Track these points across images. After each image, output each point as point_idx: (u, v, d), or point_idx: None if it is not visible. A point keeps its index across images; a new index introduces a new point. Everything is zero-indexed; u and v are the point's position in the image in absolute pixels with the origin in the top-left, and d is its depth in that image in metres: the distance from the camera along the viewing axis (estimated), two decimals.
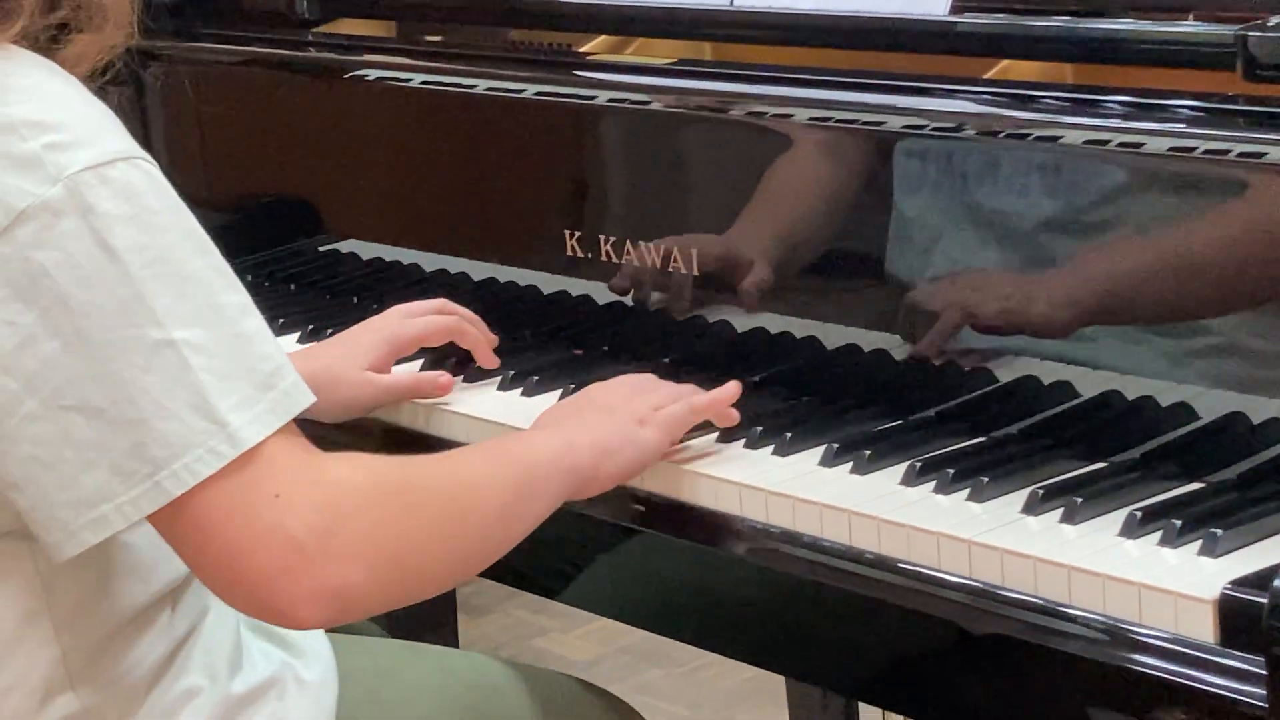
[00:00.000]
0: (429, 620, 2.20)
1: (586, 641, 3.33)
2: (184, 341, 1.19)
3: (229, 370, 1.20)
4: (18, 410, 1.19)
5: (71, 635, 1.29)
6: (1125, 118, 1.41)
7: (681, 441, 1.53)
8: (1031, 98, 1.49)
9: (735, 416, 1.53)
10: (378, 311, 1.97)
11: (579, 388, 1.67)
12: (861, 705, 2.14)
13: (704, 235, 1.68)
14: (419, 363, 1.78)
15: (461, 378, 1.74)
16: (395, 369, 1.73)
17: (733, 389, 1.53)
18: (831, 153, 1.61)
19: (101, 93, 1.31)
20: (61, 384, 1.18)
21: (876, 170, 1.57)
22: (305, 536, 1.19)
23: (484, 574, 1.70)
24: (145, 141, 2.21)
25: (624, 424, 1.45)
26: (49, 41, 1.27)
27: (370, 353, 1.67)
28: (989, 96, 1.51)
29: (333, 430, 1.66)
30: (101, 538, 1.20)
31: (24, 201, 1.18)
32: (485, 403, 1.70)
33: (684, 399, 1.52)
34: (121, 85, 2.24)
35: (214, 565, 1.21)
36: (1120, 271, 1.43)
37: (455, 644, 2.29)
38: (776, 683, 2.36)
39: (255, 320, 1.24)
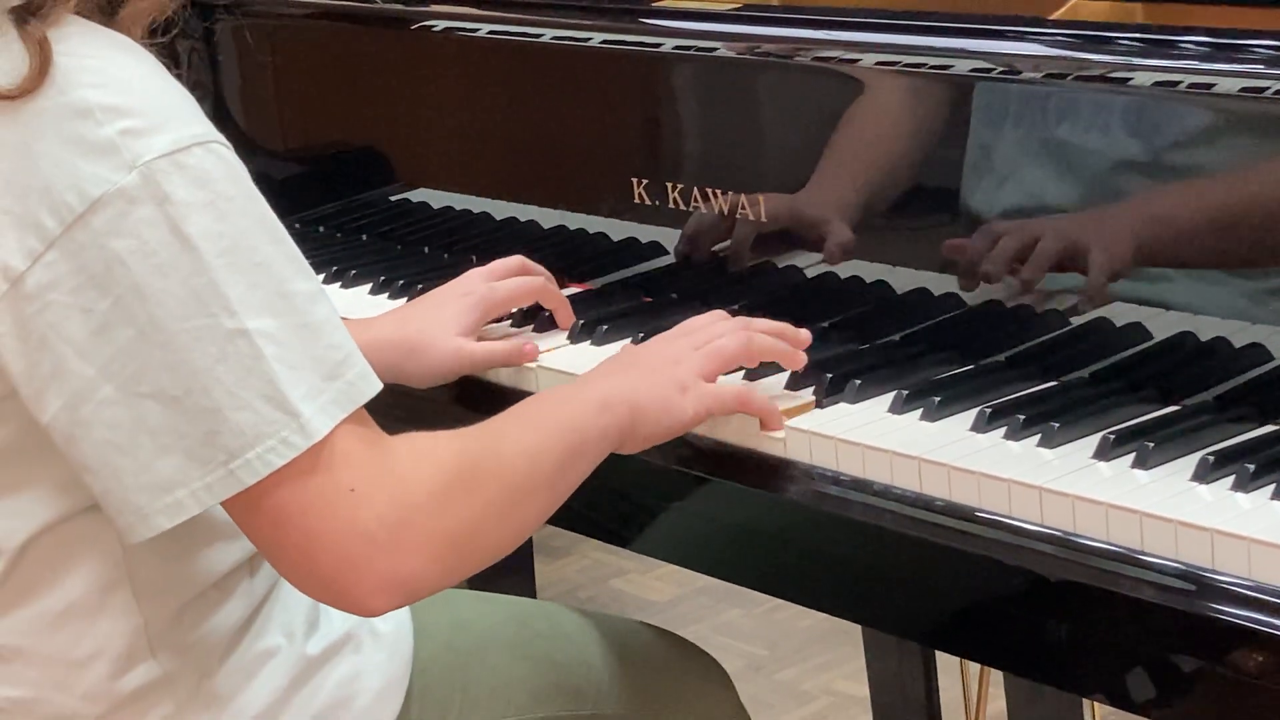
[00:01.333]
0: (506, 566, 2.20)
1: (664, 583, 3.35)
2: (257, 330, 1.20)
3: (298, 360, 1.21)
4: (94, 395, 1.20)
5: (153, 604, 1.31)
6: (1199, 58, 1.39)
7: (753, 378, 1.53)
8: (1104, 39, 1.47)
9: (802, 360, 1.52)
10: (449, 260, 1.99)
11: (648, 336, 1.68)
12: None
13: (771, 181, 1.67)
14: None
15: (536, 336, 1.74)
16: None
17: (795, 335, 1.52)
18: (900, 97, 1.60)
19: (170, 47, 1.31)
20: (136, 371, 1.19)
21: (946, 114, 1.56)
22: (378, 530, 1.21)
23: (557, 522, 1.72)
24: (215, 93, 2.23)
25: (664, 388, 1.43)
26: (107, 4, 1.27)
27: (461, 318, 1.67)
28: (1059, 38, 1.50)
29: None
30: (175, 522, 1.21)
31: (100, 189, 1.18)
32: (559, 354, 1.70)
33: (740, 358, 1.50)
34: (191, 39, 2.25)
35: (290, 556, 1.23)
36: (1193, 213, 1.41)
37: (532, 589, 2.30)
38: (853, 624, 2.36)
39: (325, 307, 1.24)
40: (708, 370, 1.46)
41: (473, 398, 1.70)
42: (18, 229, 1.19)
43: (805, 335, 1.53)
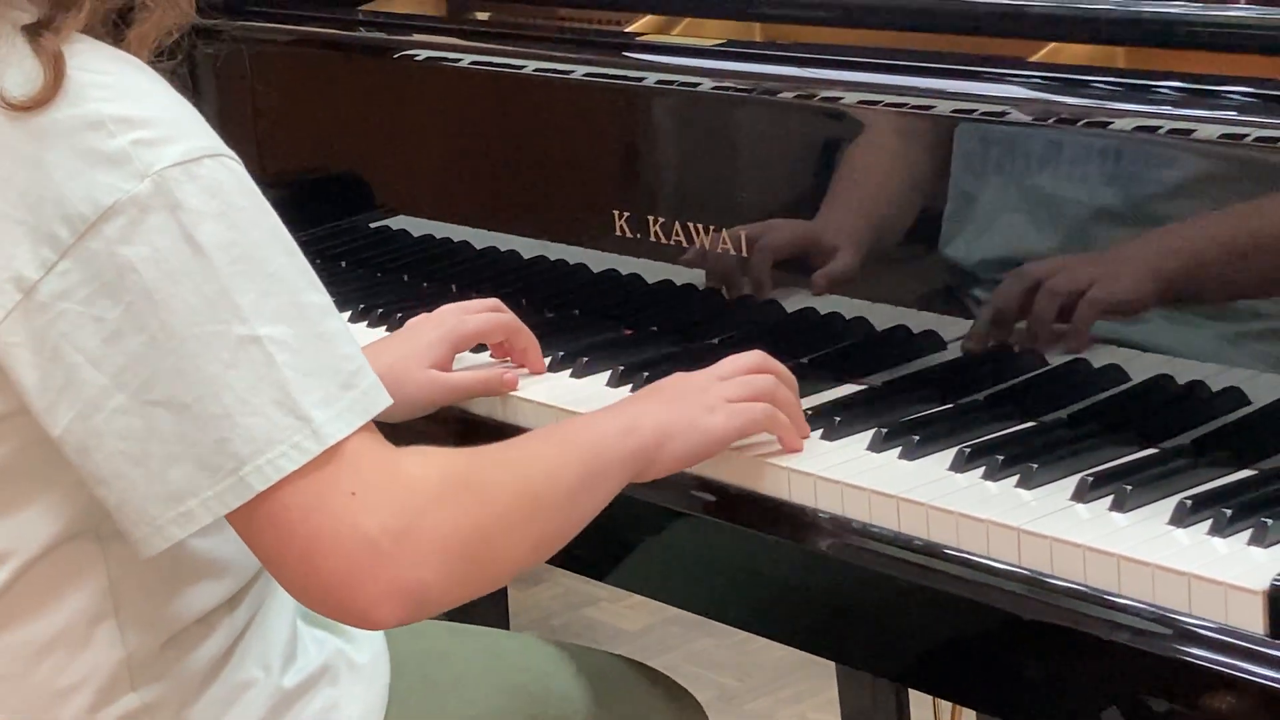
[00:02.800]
0: (480, 598, 2.21)
1: (637, 611, 3.35)
2: (269, 338, 1.20)
3: (312, 368, 1.21)
4: (106, 404, 1.20)
5: (138, 637, 1.30)
6: (1176, 104, 1.40)
7: None
8: (1082, 82, 1.48)
9: (799, 447, 1.50)
10: (428, 288, 2.00)
11: (627, 369, 1.68)
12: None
13: (752, 216, 1.68)
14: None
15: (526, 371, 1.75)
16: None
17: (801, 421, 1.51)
18: (881, 135, 1.61)
19: (157, 69, 1.32)
20: (148, 379, 1.19)
21: (927, 153, 1.57)
22: (380, 537, 1.20)
23: None
24: None
25: (690, 408, 1.43)
26: (114, 27, 1.27)
27: (433, 350, 1.67)
28: (1039, 81, 1.51)
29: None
30: (188, 532, 1.21)
31: (112, 197, 1.18)
32: (540, 386, 1.70)
33: (766, 394, 1.48)
34: (174, 60, 2.26)
35: (292, 564, 1.22)
36: (1172, 257, 1.42)
37: (506, 620, 2.30)
38: None
39: (337, 321, 1.24)
40: (734, 396, 1.46)
41: (459, 429, 1.71)
42: (31, 239, 1.19)
43: (807, 428, 1.51)
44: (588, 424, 1.41)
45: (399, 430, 1.63)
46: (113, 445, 1.20)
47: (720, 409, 1.44)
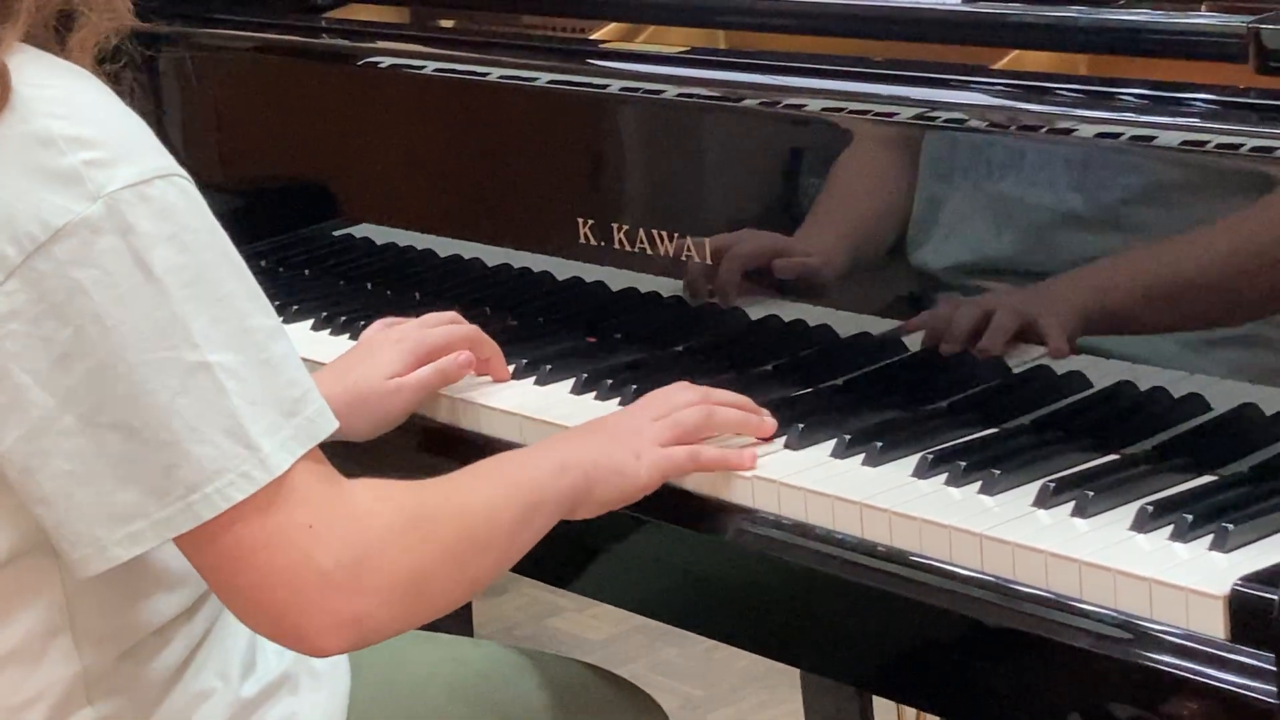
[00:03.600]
0: None
1: (601, 621, 3.34)
2: (219, 365, 1.19)
3: (257, 395, 1.20)
4: (53, 426, 1.19)
5: (93, 652, 1.29)
6: (1138, 111, 1.41)
7: None
8: (1044, 89, 1.49)
9: (770, 427, 1.51)
10: (391, 296, 1.99)
11: (591, 376, 1.68)
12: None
13: (717, 224, 1.68)
14: None
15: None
16: None
17: (755, 409, 1.52)
18: (845, 143, 1.61)
19: (114, 78, 1.31)
20: (97, 402, 1.18)
21: (891, 161, 1.57)
22: (334, 570, 1.21)
23: None
24: (157, 125, 2.21)
25: (621, 454, 1.44)
26: (55, 33, 1.26)
27: (394, 364, 1.66)
28: (1001, 88, 1.51)
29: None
30: (132, 554, 1.21)
31: (63, 219, 1.17)
32: (504, 394, 1.70)
33: (698, 429, 1.49)
34: (133, 69, 2.25)
35: (244, 593, 1.23)
36: (1135, 264, 1.42)
37: (469, 629, 2.30)
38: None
39: (284, 344, 1.24)
40: (665, 439, 1.46)
41: (427, 441, 1.70)
42: None
43: (770, 421, 1.52)
44: (524, 462, 1.42)
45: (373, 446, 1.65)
46: (59, 466, 1.19)
47: (646, 455, 1.45)
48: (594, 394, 1.67)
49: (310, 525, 1.21)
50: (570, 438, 1.47)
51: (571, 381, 1.70)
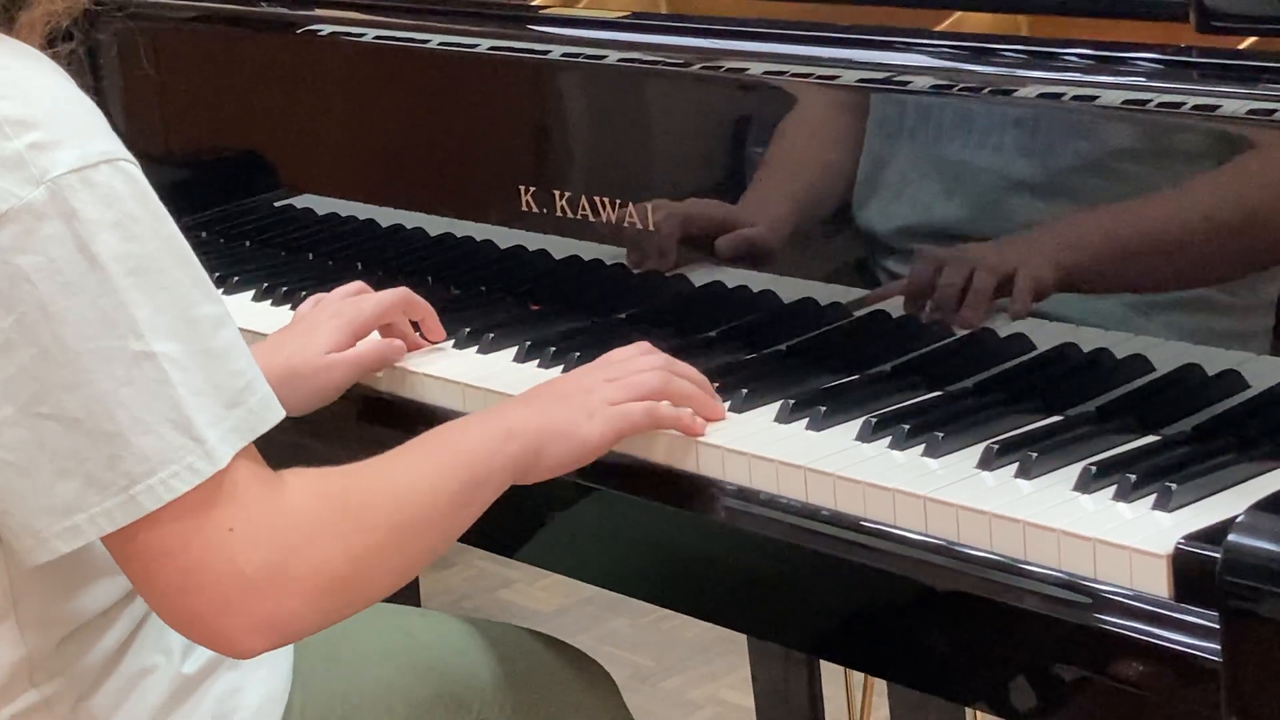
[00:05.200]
0: None
1: (550, 593, 3.34)
2: (163, 354, 1.17)
3: (201, 386, 1.18)
4: None
5: (37, 636, 1.28)
6: (1083, 71, 1.40)
7: None
8: (988, 50, 1.48)
9: (720, 413, 1.48)
10: (332, 266, 1.98)
11: (534, 344, 1.67)
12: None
13: (659, 189, 1.67)
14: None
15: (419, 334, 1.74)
16: None
17: (711, 394, 1.49)
18: (787, 107, 1.60)
19: (50, 49, 1.29)
20: (38, 391, 1.16)
21: (833, 123, 1.57)
22: (255, 574, 1.19)
23: None
24: (96, 97, 2.19)
25: (570, 414, 1.41)
26: (3, 11, 1.24)
27: (332, 338, 1.64)
28: (946, 50, 1.50)
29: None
30: (73, 547, 1.19)
31: (5, 204, 1.15)
32: (446, 362, 1.69)
33: (653, 391, 1.45)
34: (71, 41, 2.23)
35: (164, 592, 1.20)
36: (1079, 225, 1.42)
37: (417, 600, 2.28)
38: (739, 633, 2.37)
39: (229, 332, 1.22)
40: (618, 399, 1.43)
41: (370, 411, 1.69)
42: None
43: (721, 406, 1.49)
44: (466, 432, 1.39)
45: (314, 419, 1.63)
46: (0, 456, 1.17)
47: (599, 414, 1.42)
48: (537, 361, 1.66)
49: (231, 529, 1.18)
50: (516, 403, 1.45)
51: (514, 349, 1.69)
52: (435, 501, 1.31)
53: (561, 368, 1.64)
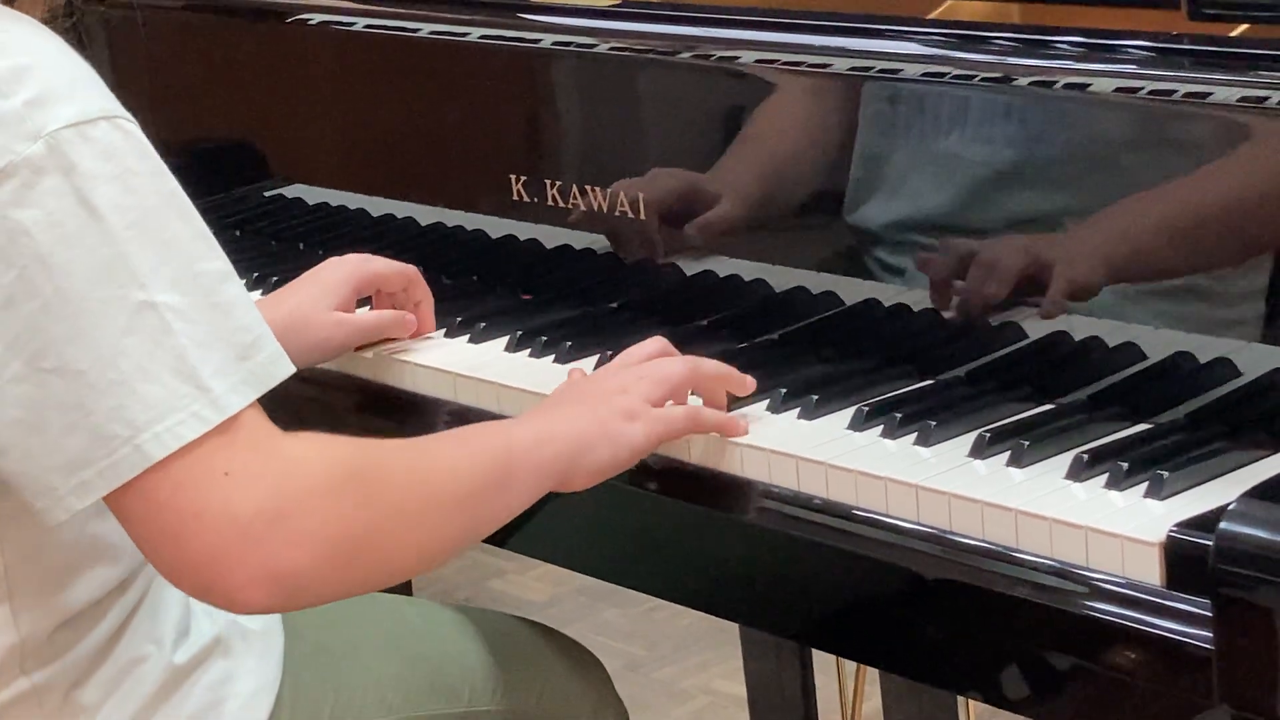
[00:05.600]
0: None
1: (542, 583, 3.34)
2: (165, 305, 1.17)
3: (207, 338, 1.18)
4: (2, 373, 1.17)
5: (31, 623, 1.28)
6: (1076, 59, 1.40)
7: None
8: (981, 38, 1.48)
9: (751, 385, 1.46)
10: (324, 256, 1.95)
11: (525, 334, 1.67)
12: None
13: (649, 179, 1.66)
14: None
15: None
16: None
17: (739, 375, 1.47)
18: (779, 95, 1.60)
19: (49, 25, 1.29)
20: (42, 346, 1.16)
21: (826, 113, 1.56)
22: (251, 519, 1.17)
23: None
24: None
25: (608, 418, 1.37)
26: None
27: (337, 291, 1.64)
28: (937, 38, 1.50)
29: (298, 384, 1.64)
30: (86, 503, 1.18)
31: (3, 159, 1.15)
32: (437, 352, 1.69)
33: (687, 384, 1.44)
34: (71, 18, 2.23)
35: (161, 542, 1.19)
36: (1072, 214, 1.42)
37: (409, 588, 2.28)
38: (732, 623, 2.37)
39: (235, 288, 1.21)
40: (655, 397, 1.41)
41: (359, 399, 1.69)
42: None
43: (750, 379, 1.47)
44: (501, 430, 1.37)
45: (299, 396, 1.62)
46: (11, 414, 1.17)
47: (641, 416, 1.39)
48: (529, 351, 1.66)
49: (227, 472, 1.17)
50: (552, 407, 1.41)
51: (506, 339, 1.68)
52: (455, 488, 1.28)
53: (552, 357, 1.63)
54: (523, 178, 1.76)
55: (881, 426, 1.41)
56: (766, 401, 1.49)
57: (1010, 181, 1.45)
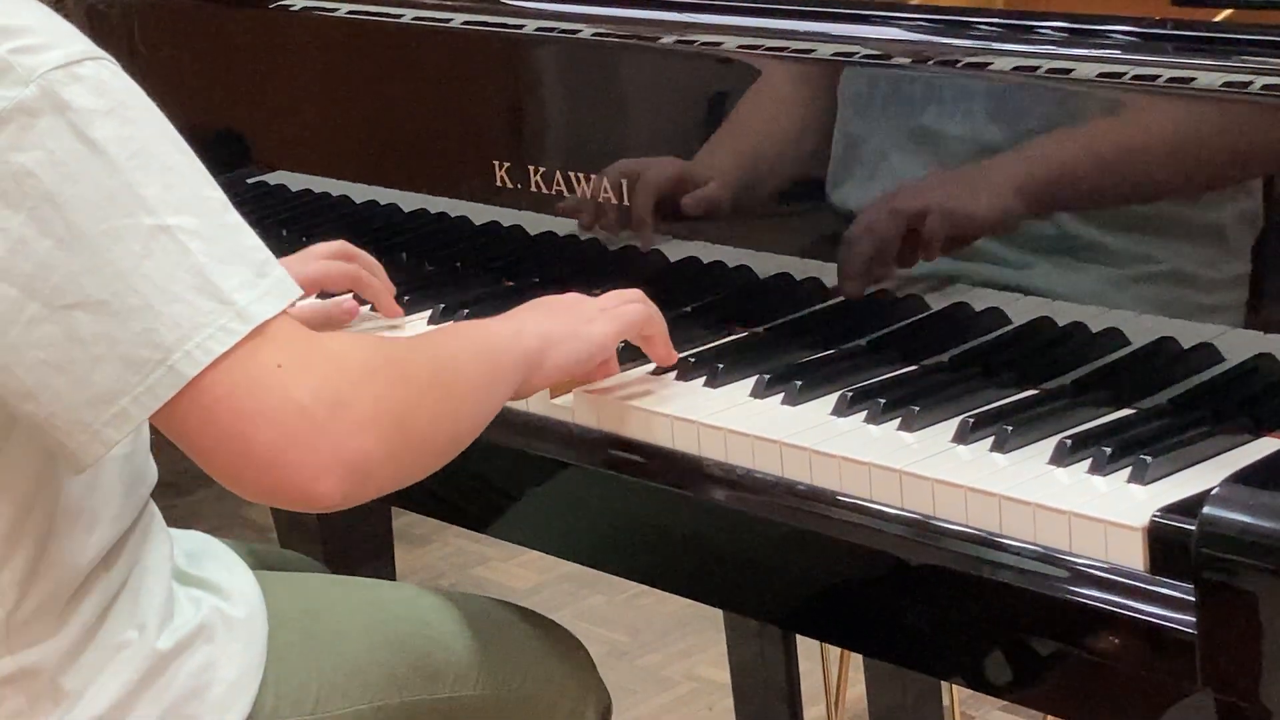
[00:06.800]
0: (366, 551, 2.19)
1: (526, 569, 3.34)
2: (178, 227, 1.18)
3: (225, 255, 1.19)
4: (20, 316, 1.17)
5: (15, 599, 1.28)
6: (1058, 44, 1.40)
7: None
8: (964, 24, 1.48)
9: (674, 358, 1.54)
10: (307, 243, 1.96)
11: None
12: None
13: (633, 165, 1.66)
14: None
15: (369, 307, 1.75)
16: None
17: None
18: (762, 81, 1.59)
19: None
20: (60, 282, 1.17)
21: (808, 98, 1.56)
22: (314, 405, 1.18)
23: (417, 508, 1.70)
24: None
25: (571, 319, 1.47)
26: None
27: None
28: (921, 23, 1.50)
29: None
30: (124, 434, 1.19)
31: None
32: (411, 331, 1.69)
33: (642, 316, 1.52)
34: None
35: (224, 448, 1.19)
36: (1055, 200, 1.42)
37: (393, 575, 2.28)
38: (716, 609, 2.37)
39: (238, 215, 1.23)
40: (610, 308, 1.49)
41: None
42: None
43: (674, 354, 1.55)
44: (480, 325, 1.44)
45: None
46: (33, 356, 1.18)
47: (599, 318, 1.48)
48: None
49: (280, 365, 1.18)
50: (521, 310, 1.48)
51: None
52: (462, 377, 1.34)
53: None
54: (506, 164, 1.75)
55: (865, 412, 1.41)
56: (750, 387, 1.48)
57: (995, 166, 1.45)
